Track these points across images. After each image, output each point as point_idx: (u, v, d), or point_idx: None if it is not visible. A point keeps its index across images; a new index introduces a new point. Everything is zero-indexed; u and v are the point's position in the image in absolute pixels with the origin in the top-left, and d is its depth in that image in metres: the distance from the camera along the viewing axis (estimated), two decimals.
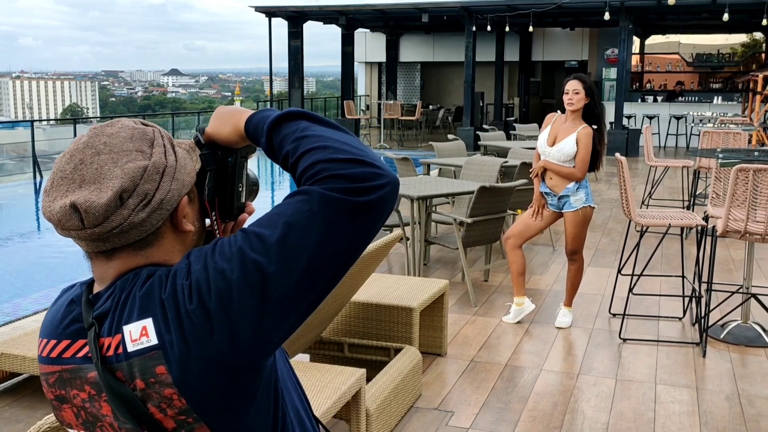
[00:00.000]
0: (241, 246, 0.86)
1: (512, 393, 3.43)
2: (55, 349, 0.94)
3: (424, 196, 4.87)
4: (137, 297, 0.89)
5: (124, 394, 0.88)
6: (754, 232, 3.78)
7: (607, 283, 5.20)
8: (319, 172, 0.87)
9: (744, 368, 3.75)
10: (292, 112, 0.93)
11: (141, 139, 0.93)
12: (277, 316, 0.86)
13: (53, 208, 0.91)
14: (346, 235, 0.87)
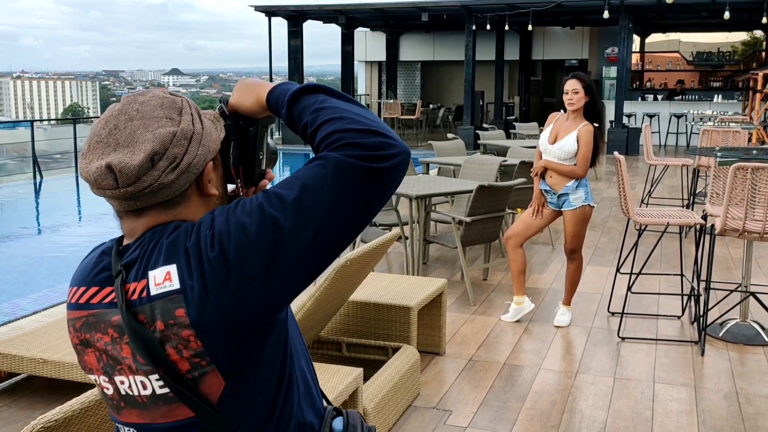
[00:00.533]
0: (262, 203, 0.93)
1: (510, 392, 3.43)
2: (84, 295, 1.02)
3: (422, 195, 4.87)
4: (164, 245, 0.96)
5: (144, 336, 0.94)
6: (752, 231, 3.78)
7: (606, 282, 5.20)
8: (336, 141, 0.94)
9: (742, 367, 3.74)
10: (311, 86, 1.01)
11: (170, 108, 1.00)
12: (289, 270, 0.92)
13: (90, 169, 0.98)
14: (358, 199, 0.93)
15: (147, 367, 0.96)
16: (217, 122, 1.05)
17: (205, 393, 0.96)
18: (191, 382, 0.95)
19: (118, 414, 1.03)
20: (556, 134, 4.18)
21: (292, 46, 16.36)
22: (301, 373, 1.06)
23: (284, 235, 0.92)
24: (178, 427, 0.98)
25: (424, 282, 3.83)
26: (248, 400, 0.98)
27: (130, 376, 0.98)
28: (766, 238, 3.82)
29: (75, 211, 10.22)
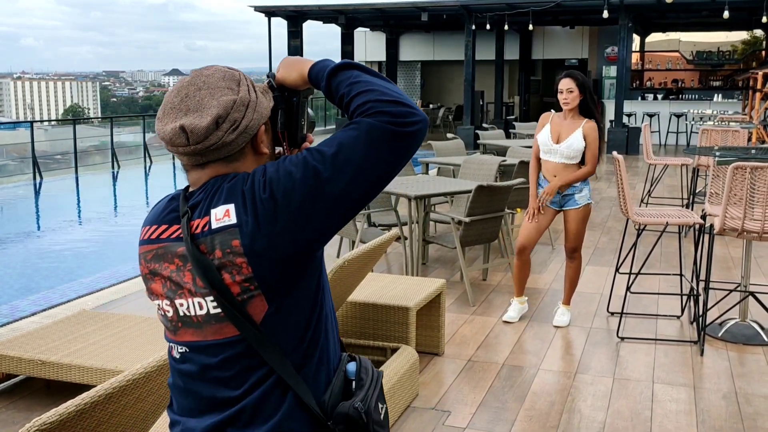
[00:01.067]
0: (305, 156, 1.13)
1: (509, 392, 3.43)
2: (155, 232, 1.22)
3: (421, 195, 4.87)
4: (224, 189, 1.16)
5: (204, 262, 1.14)
6: (751, 230, 3.77)
7: (605, 282, 5.20)
8: (369, 109, 1.13)
9: (742, 367, 3.74)
10: (346, 63, 1.20)
11: (231, 80, 1.19)
12: (326, 212, 1.12)
13: (165, 130, 1.18)
14: (383, 157, 1.12)
15: (204, 290, 1.15)
16: (267, 93, 1.24)
17: (251, 314, 1.14)
18: (240, 304, 1.13)
19: (175, 335, 1.22)
20: (558, 134, 4.15)
21: (291, 47, 16.36)
22: (331, 310, 1.25)
23: (323, 183, 1.11)
24: (225, 343, 1.16)
25: (423, 282, 3.83)
26: (285, 323, 1.16)
27: (190, 298, 1.17)
28: (765, 238, 3.81)
29: (74, 213, 10.22)
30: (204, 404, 1.20)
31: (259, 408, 1.16)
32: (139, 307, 4.66)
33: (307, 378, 1.18)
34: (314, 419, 1.19)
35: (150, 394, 1.83)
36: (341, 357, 1.27)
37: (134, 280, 5.31)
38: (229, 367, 1.17)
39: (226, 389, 1.17)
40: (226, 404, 1.18)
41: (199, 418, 1.20)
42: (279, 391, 1.16)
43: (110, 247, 7.46)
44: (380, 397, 1.27)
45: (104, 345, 3.22)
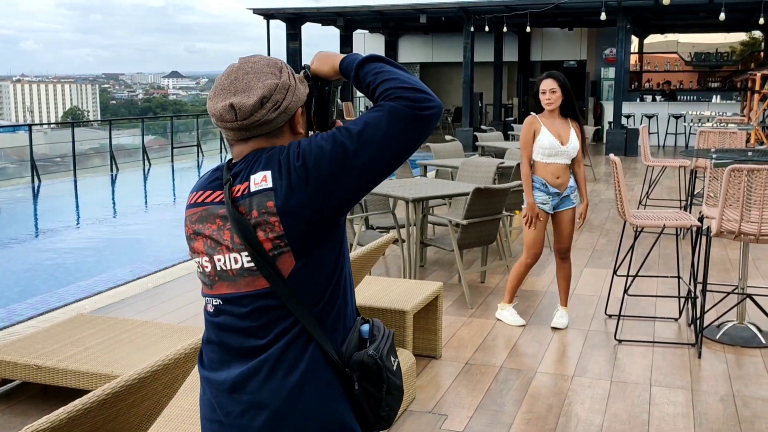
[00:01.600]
0: (335, 133, 1.30)
1: (507, 395, 3.42)
2: (201, 197, 1.39)
3: (419, 197, 4.86)
4: (263, 158, 1.32)
5: (241, 221, 1.30)
6: (747, 233, 3.77)
7: (603, 284, 5.19)
8: (391, 94, 1.29)
9: (739, 369, 3.74)
10: (372, 56, 1.37)
11: (274, 66, 1.37)
12: (350, 180, 1.28)
13: (216, 107, 1.35)
14: (402, 136, 1.28)
15: (240, 246, 1.31)
16: (303, 82, 1.41)
17: (280, 268, 1.29)
18: (271, 259, 1.29)
19: (211, 289, 1.37)
20: (559, 134, 4.13)
21: (290, 49, 16.36)
22: (349, 275, 1.40)
23: (349, 155, 1.27)
24: (256, 295, 1.31)
25: (420, 285, 3.82)
26: (309, 279, 1.31)
27: (227, 254, 1.33)
28: (762, 240, 3.81)
29: (71, 216, 10.21)
30: (233, 355, 1.34)
31: (282, 357, 1.30)
32: (137, 311, 4.65)
33: (326, 330, 1.33)
34: (334, 367, 1.34)
35: (145, 400, 1.82)
36: (356, 320, 1.42)
37: (132, 284, 5.31)
38: (258, 318, 1.32)
39: (253, 339, 1.32)
40: (253, 353, 1.32)
41: (228, 370, 1.34)
42: (302, 341, 1.31)
43: (108, 250, 7.45)
44: (392, 351, 1.41)
45: (100, 349, 3.21)
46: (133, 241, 7.95)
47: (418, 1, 15.18)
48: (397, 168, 1.35)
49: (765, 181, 3.68)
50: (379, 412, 1.38)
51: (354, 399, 1.35)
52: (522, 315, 4.53)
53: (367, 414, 1.37)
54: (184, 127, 17.29)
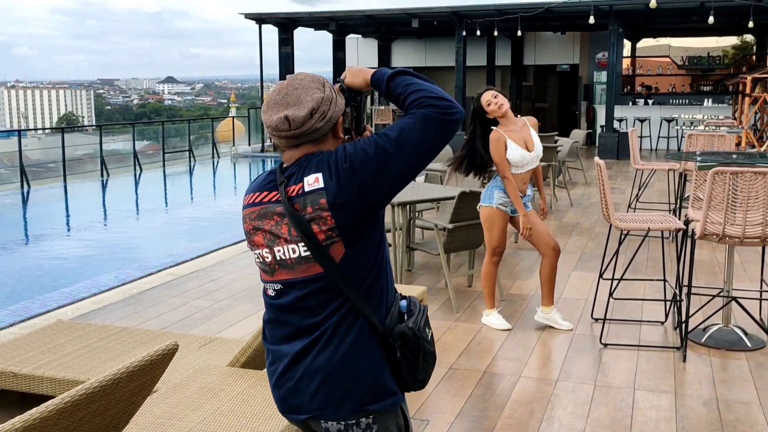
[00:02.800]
0: (376, 138, 1.52)
1: (489, 400, 3.39)
2: (258, 197, 1.59)
3: (404, 201, 4.84)
4: (314, 161, 1.53)
5: (298, 217, 1.51)
6: (731, 235, 3.76)
7: (591, 288, 5.17)
8: (421, 103, 1.52)
9: (724, 372, 3.72)
10: (400, 70, 1.59)
11: (318, 82, 1.58)
12: (390, 178, 1.50)
13: (272, 119, 1.55)
14: (432, 137, 1.50)
15: (297, 238, 1.51)
16: (340, 94, 1.62)
17: (332, 255, 1.51)
18: (324, 248, 1.50)
19: (272, 275, 1.58)
20: (524, 142, 4.16)
21: (283, 54, 16.35)
22: (388, 260, 1.62)
23: (389, 157, 1.49)
24: (312, 279, 1.53)
25: (404, 290, 3.79)
26: (357, 263, 1.52)
27: (285, 245, 1.53)
28: (746, 243, 3.80)
29: (57, 221, 10.14)
30: (293, 331, 1.56)
31: (336, 329, 1.52)
32: (119, 318, 4.62)
33: (372, 306, 1.54)
34: (379, 337, 1.55)
35: (109, 408, 1.79)
36: (396, 296, 1.63)
37: (116, 290, 5.27)
38: (314, 298, 1.53)
39: (310, 317, 1.53)
40: (311, 329, 1.53)
41: (290, 344, 1.56)
42: (352, 315, 1.53)
43: (92, 257, 7.39)
44: (427, 323, 1.63)
45: (77, 356, 3.18)
46: (118, 246, 7.90)
47: (409, 6, 15.19)
48: (427, 164, 1.57)
49: (749, 183, 3.67)
50: (417, 376, 1.59)
51: (395, 365, 1.56)
52: (508, 319, 4.51)
53: (406, 377, 1.58)
54: (175, 132, 17.24)
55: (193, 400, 2.48)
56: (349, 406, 1.54)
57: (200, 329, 4.37)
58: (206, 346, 3.37)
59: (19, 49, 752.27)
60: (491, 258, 4.33)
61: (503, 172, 4.13)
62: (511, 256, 6.29)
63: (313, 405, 1.55)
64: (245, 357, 2.86)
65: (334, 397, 1.54)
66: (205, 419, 2.34)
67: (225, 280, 5.54)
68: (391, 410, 1.59)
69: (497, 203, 4.21)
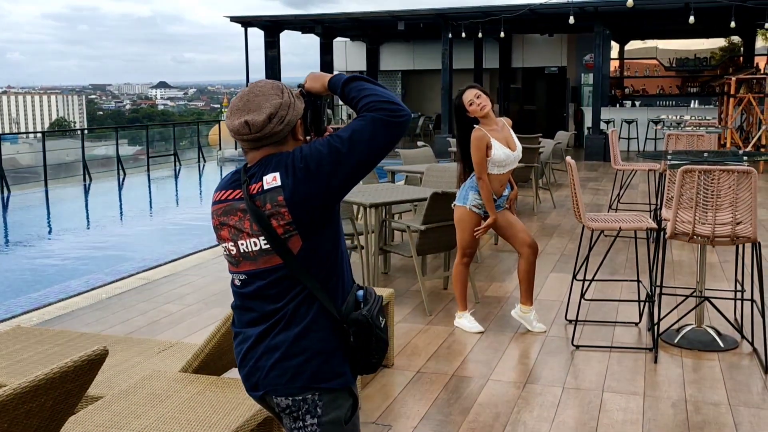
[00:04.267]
0: (329, 140, 1.64)
1: (455, 404, 3.33)
2: (224, 194, 1.72)
3: (376, 203, 4.78)
4: (273, 162, 1.65)
5: (258, 213, 1.64)
6: (701, 234, 3.71)
7: (567, 290, 5.12)
8: (372, 107, 1.64)
9: (695, 373, 3.66)
10: (355, 76, 1.72)
11: (277, 89, 1.70)
12: (343, 177, 1.62)
13: (234, 123, 1.68)
14: (382, 138, 1.63)
15: (258, 232, 1.64)
16: (299, 98, 1.74)
17: (290, 248, 1.63)
18: (283, 241, 1.63)
19: (237, 267, 1.71)
20: (506, 142, 4.12)
21: (269, 57, 16.28)
22: (343, 253, 1.73)
23: (341, 157, 1.61)
24: (273, 269, 1.66)
25: None
26: (314, 255, 1.64)
27: (248, 239, 1.66)
28: (716, 242, 3.75)
29: (33, 227, 9.99)
30: (257, 316, 1.69)
31: (294, 314, 1.66)
32: (84, 323, 4.53)
33: (328, 293, 1.66)
34: (333, 322, 1.68)
35: (30, 417, 1.72)
36: (353, 286, 1.76)
37: (85, 295, 5.18)
38: (275, 286, 1.67)
39: (272, 303, 1.67)
40: (272, 314, 1.67)
41: (254, 328, 1.70)
42: (309, 301, 1.66)
43: (63, 262, 7.28)
44: (381, 312, 1.73)
45: (31, 362, 3.09)
46: (91, 251, 7.80)
47: (395, 8, 15.16)
48: (378, 163, 1.68)
49: (718, 182, 3.62)
50: (370, 359, 1.71)
51: (348, 348, 1.69)
52: (482, 322, 4.45)
53: (359, 361, 1.71)
54: (160, 136, 17.13)
55: (137, 408, 2.40)
56: (299, 382, 1.66)
57: (167, 334, 4.28)
58: (164, 352, 3.29)
59: (11, 54, 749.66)
60: (461, 259, 4.27)
61: (479, 173, 4.06)
62: (491, 258, 6.23)
63: (267, 381, 1.68)
64: (198, 362, 2.78)
65: (286, 374, 1.66)
66: (147, 427, 2.26)
67: (198, 284, 5.46)
68: (339, 390, 1.70)
69: (471, 204, 4.15)
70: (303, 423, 1.69)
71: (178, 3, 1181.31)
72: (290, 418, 1.70)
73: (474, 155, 4.06)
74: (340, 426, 1.71)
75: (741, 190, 3.60)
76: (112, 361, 3.15)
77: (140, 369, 3.03)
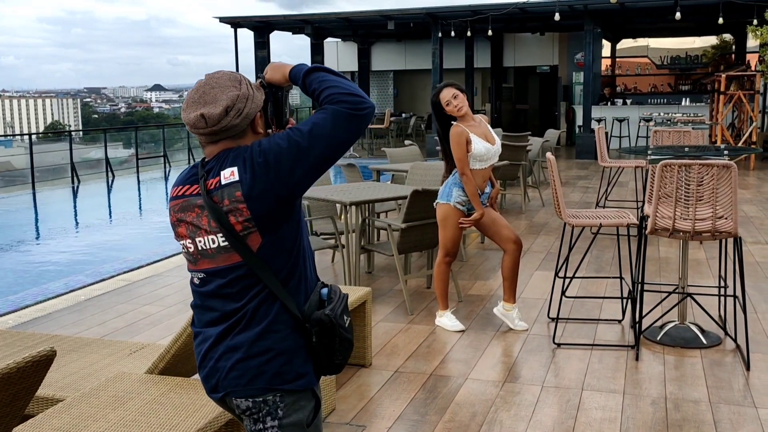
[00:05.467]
0: (289, 133, 1.59)
1: (431, 404, 3.27)
2: (181, 190, 1.67)
3: (356, 201, 4.72)
4: (231, 156, 1.60)
5: (216, 209, 1.58)
6: (682, 230, 3.66)
7: (551, 287, 5.07)
8: (333, 99, 1.58)
9: (676, 371, 3.62)
10: (316, 67, 1.66)
11: (234, 80, 1.63)
12: (303, 171, 1.57)
13: (190, 117, 1.61)
14: (343, 132, 1.58)
15: (216, 229, 1.59)
16: (259, 90, 1.67)
17: (249, 245, 1.58)
18: (242, 238, 1.58)
19: (195, 265, 1.66)
20: (485, 136, 4.09)
21: (258, 57, 16.22)
22: (309, 247, 1.69)
23: (302, 151, 1.55)
24: (232, 267, 1.60)
25: (349, 292, 3.66)
26: (274, 252, 1.59)
27: (206, 236, 1.61)
28: (697, 238, 3.71)
29: (19, 228, 9.88)
30: (217, 316, 1.63)
31: (255, 313, 1.60)
32: (61, 325, 4.47)
33: (290, 291, 1.62)
34: (295, 322, 1.63)
35: None
36: (317, 284, 1.71)
37: (64, 297, 5.12)
38: (235, 285, 1.61)
39: (232, 302, 1.61)
40: (232, 313, 1.61)
41: (214, 327, 1.64)
42: (270, 300, 1.60)
43: (44, 264, 7.20)
44: (345, 311, 1.68)
45: None
46: (73, 253, 7.71)
47: (384, 8, 15.11)
48: (340, 157, 1.62)
49: (697, 176, 3.58)
50: (334, 359, 1.66)
51: (311, 348, 1.64)
52: (464, 320, 4.40)
53: (322, 361, 1.66)
54: (151, 138, 17.03)
55: (98, 410, 2.34)
56: (259, 383, 1.61)
57: (144, 336, 4.22)
58: (136, 353, 3.23)
59: (5, 58, 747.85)
60: (444, 258, 4.22)
61: (462, 168, 4.02)
62: (476, 257, 6.18)
63: (226, 382, 1.63)
64: (164, 363, 2.72)
65: (246, 375, 1.61)
66: (105, 430, 2.20)
67: (178, 286, 5.40)
68: (301, 391, 1.65)
69: (455, 201, 4.10)
70: (263, 425, 1.64)
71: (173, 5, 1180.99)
72: (251, 420, 1.65)
73: (455, 151, 4.02)
74: (302, 428, 1.66)
75: (721, 184, 3.55)
76: (82, 363, 3.09)
77: (109, 371, 2.97)
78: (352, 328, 1.71)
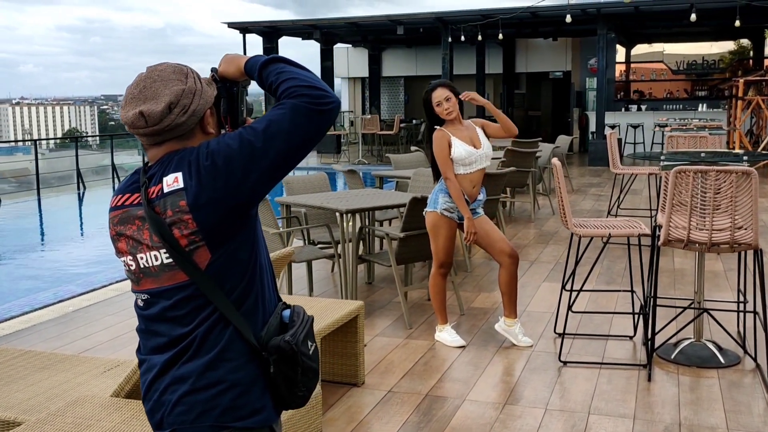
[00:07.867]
0: (241, 132, 1.40)
1: (425, 428, 3.04)
2: (121, 200, 1.47)
3: (353, 209, 4.51)
4: (175, 160, 1.41)
5: (157, 221, 1.39)
6: (697, 241, 3.41)
7: (558, 300, 4.81)
8: (292, 92, 1.40)
9: (691, 393, 3.35)
10: (274, 57, 1.47)
11: (179, 73, 1.45)
12: (258, 176, 1.37)
13: (128, 115, 1.42)
14: (304, 130, 1.39)
15: (159, 244, 1.40)
16: (211, 84, 1.49)
17: (197, 262, 1.39)
18: (187, 254, 1.39)
19: (138, 285, 1.47)
20: (471, 140, 3.89)
21: None
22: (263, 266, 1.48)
23: (256, 152, 1.36)
24: (178, 287, 1.41)
25: (338, 305, 3.45)
26: (225, 269, 1.40)
27: (147, 252, 1.42)
28: (714, 250, 3.45)
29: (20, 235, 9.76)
30: (164, 342, 1.44)
31: (204, 340, 1.41)
32: (44, 338, 4.28)
33: (244, 315, 1.43)
34: (251, 349, 1.44)
35: None
36: (278, 305, 1.52)
37: (51, 308, 4.94)
38: (182, 307, 1.42)
39: (179, 327, 1.42)
40: (180, 339, 1.42)
41: (160, 355, 1.45)
42: (221, 325, 1.41)
43: (38, 272, 7.05)
44: (309, 336, 1.49)
45: None
46: (67, 262, 7.56)
47: (393, 13, 14.95)
48: (301, 160, 1.43)
49: (715, 183, 3.32)
50: (296, 392, 1.47)
51: (270, 380, 1.45)
52: (465, 335, 4.16)
53: (283, 394, 1.47)
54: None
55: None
56: (208, 420, 1.42)
57: (127, 351, 4.02)
58: (111, 371, 3.03)
59: (24, 66, 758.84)
60: (438, 269, 3.99)
61: (445, 172, 3.85)
62: (481, 267, 5.94)
63: (171, 419, 1.44)
64: (130, 385, 2.52)
65: (193, 410, 1.43)
66: None
67: None
68: (257, 429, 1.46)
69: (441, 208, 3.89)
70: None
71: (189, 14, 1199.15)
72: None
73: (437, 155, 3.88)
74: None
75: (740, 192, 3.30)
76: (51, 383, 2.89)
77: (78, 391, 2.77)
78: (317, 355, 1.52)
